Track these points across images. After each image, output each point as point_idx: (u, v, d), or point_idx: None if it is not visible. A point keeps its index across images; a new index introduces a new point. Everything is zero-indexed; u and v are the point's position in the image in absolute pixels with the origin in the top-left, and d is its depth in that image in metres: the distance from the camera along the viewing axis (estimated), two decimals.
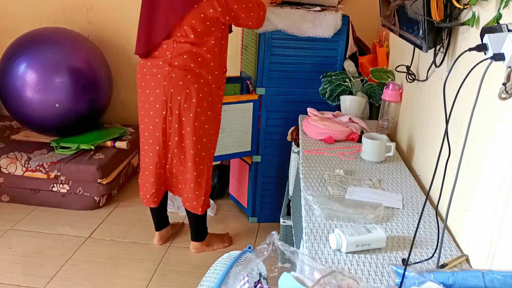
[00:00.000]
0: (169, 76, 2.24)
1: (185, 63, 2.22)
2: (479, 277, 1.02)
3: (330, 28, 2.60)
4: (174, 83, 2.24)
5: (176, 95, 2.25)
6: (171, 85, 2.24)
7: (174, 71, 2.23)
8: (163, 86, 2.25)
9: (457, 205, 1.46)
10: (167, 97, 2.26)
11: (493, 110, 1.30)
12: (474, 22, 1.46)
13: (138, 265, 2.53)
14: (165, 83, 2.25)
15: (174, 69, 2.23)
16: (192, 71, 2.24)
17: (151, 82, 2.29)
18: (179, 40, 2.22)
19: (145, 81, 2.33)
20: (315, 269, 1.00)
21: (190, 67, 2.23)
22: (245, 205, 3.02)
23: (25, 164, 2.99)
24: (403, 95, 2.31)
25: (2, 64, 3.11)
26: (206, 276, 1.19)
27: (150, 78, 2.30)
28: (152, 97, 2.30)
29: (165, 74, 2.24)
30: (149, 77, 2.30)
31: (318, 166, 1.94)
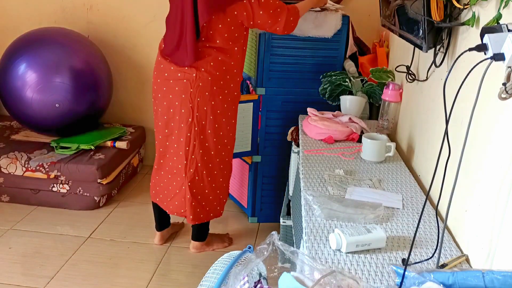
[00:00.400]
0: (196, 84, 2.22)
1: (211, 70, 2.22)
2: (479, 277, 1.02)
3: (330, 28, 2.60)
4: (200, 93, 2.23)
5: (203, 106, 2.25)
6: (198, 94, 2.23)
7: (201, 79, 2.21)
8: (190, 92, 2.23)
9: (457, 205, 1.46)
10: (194, 105, 2.25)
11: (493, 110, 1.30)
12: (474, 22, 1.46)
13: (138, 265, 2.53)
14: (192, 90, 2.23)
15: (201, 77, 2.21)
16: (217, 81, 2.24)
17: (175, 87, 2.26)
18: (205, 44, 2.21)
19: (167, 85, 2.29)
20: (315, 269, 1.00)
21: (216, 75, 2.23)
22: (245, 205, 3.02)
23: (25, 164, 2.99)
24: (403, 95, 2.31)
25: (2, 64, 3.11)
26: (206, 276, 1.19)
27: (174, 82, 2.26)
28: (177, 102, 2.27)
29: (192, 80, 2.22)
30: (172, 81, 2.27)
31: (318, 166, 1.94)
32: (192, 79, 2.22)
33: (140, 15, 3.48)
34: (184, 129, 2.30)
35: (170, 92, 2.29)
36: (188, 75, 2.23)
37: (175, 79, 2.26)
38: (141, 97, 3.67)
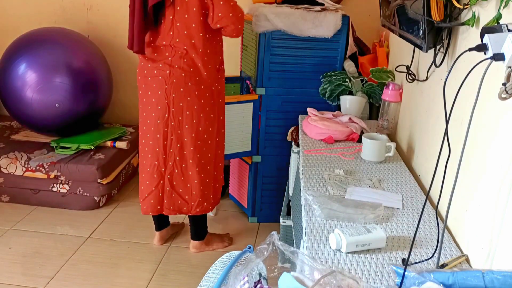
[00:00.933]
0: (171, 81, 2.23)
1: (184, 66, 2.22)
2: (479, 277, 1.02)
3: (330, 28, 2.60)
4: (175, 89, 2.24)
5: (178, 102, 2.26)
6: (173, 90, 2.24)
7: (175, 75, 2.22)
8: (165, 89, 2.24)
9: (457, 205, 1.46)
10: (169, 101, 2.26)
11: (493, 110, 1.30)
12: (474, 22, 1.46)
13: (138, 265, 2.53)
14: (167, 86, 2.24)
15: (174, 73, 2.22)
16: (192, 77, 2.24)
17: (152, 84, 2.28)
18: (176, 40, 2.20)
19: (145, 82, 2.32)
20: (315, 269, 1.00)
21: (190, 72, 2.23)
22: (245, 205, 3.02)
23: (25, 164, 2.99)
24: (403, 95, 2.31)
25: (2, 64, 3.12)
26: (206, 276, 1.19)
27: (152, 79, 2.29)
28: (154, 99, 2.29)
29: (166, 76, 2.23)
30: (150, 78, 2.29)
31: (318, 166, 1.94)
32: (166, 76, 2.23)
33: None
34: (161, 125, 2.30)
35: (148, 89, 2.31)
36: (162, 72, 2.24)
37: (152, 76, 2.28)
38: None
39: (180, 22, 2.18)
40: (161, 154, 2.36)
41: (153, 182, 2.41)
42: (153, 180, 2.41)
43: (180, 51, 2.21)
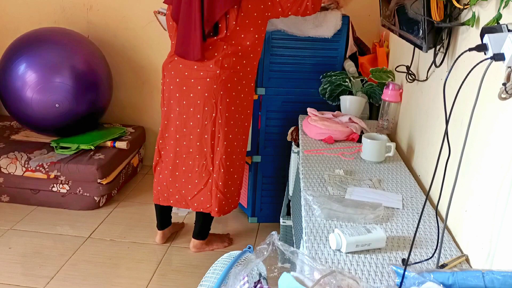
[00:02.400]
0: (220, 79, 2.24)
1: (234, 65, 2.25)
2: (479, 277, 1.02)
3: (330, 28, 2.60)
4: (223, 87, 2.25)
5: (225, 98, 2.27)
6: (221, 88, 2.25)
7: (225, 73, 2.24)
8: (213, 89, 2.25)
9: (457, 205, 1.46)
10: (217, 100, 2.27)
11: (493, 110, 1.30)
12: (474, 22, 1.46)
13: (138, 265, 2.53)
14: (215, 86, 2.25)
15: (224, 72, 2.23)
16: (238, 74, 2.27)
17: (197, 86, 2.27)
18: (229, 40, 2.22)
19: (187, 84, 2.28)
20: (315, 269, 1.00)
21: (237, 69, 2.26)
22: (245, 205, 3.02)
23: (25, 164, 2.99)
24: (403, 95, 2.31)
25: (2, 64, 3.11)
26: (206, 276, 1.19)
27: (196, 81, 2.27)
28: (199, 100, 2.28)
29: (215, 77, 2.23)
30: (194, 80, 2.27)
31: (318, 166, 1.94)
32: (216, 76, 2.23)
33: (140, 15, 3.48)
34: (209, 126, 2.31)
35: (191, 91, 2.29)
36: (211, 73, 2.23)
37: (196, 78, 2.26)
38: (141, 97, 3.68)
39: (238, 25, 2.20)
40: (209, 154, 2.37)
41: (202, 180, 2.42)
42: (201, 179, 2.42)
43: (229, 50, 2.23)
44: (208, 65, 2.24)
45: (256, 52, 2.31)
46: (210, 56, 2.24)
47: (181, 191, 2.49)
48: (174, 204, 2.55)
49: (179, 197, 2.50)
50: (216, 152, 2.37)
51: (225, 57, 2.23)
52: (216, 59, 2.22)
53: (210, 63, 2.23)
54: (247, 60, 2.29)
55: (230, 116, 2.32)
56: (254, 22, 2.22)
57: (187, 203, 2.51)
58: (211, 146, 2.36)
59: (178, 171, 2.45)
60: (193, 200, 2.47)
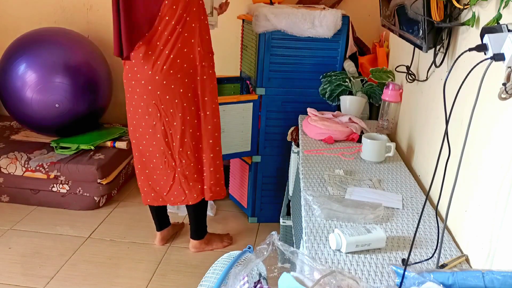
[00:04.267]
0: (153, 79, 2.21)
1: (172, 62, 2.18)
2: (479, 277, 1.02)
3: (330, 28, 2.60)
4: (159, 87, 2.21)
5: (164, 95, 2.23)
6: (157, 88, 2.22)
7: (157, 73, 2.19)
8: (149, 90, 2.23)
9: (457, 205, 1.46)
10: (157, 100, 2.24)
11: (493, 110, 1.30)
12: (474, 22, 1.46)
13: (138, 265, 2.53)
14: (150, 87, 2.23)
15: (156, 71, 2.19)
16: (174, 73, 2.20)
17: (136, 89, 2.27)
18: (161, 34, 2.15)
19: (131, 86, 2.29)
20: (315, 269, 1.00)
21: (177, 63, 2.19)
22: (245, 205, 3.02)
23: (25, 164, 2.99)
24: (403, 95, 2.31)
25: (2, 64, 3.12)
26: (206, 276, 1.19)
27: (135, 84, 2.26)
28: (142, 103, 2.28)
29: (148, 78, 2.21)
30: (134, 83, 2.27)
31: (318, 166, 1.94)
32: (148, 77, 2.21)
33: None
34: (158, 125, 2.30)
35: (135, 93, 2.29)
36: (145, 76, 2.21)
37: (136, 80, 2.26)
38: None
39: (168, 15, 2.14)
40: (167, 151, 2.36)
41: (169, 176, 2.43)
42: (169, 175, 2.42)
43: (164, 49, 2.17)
44: (143, 66, 2.21)
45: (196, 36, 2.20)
46: (145, 56, 2.20)
47: (155, 188, 2.49)
48: (152, 202, 2.54)
49: (155, 194, 2.51)
50: (173, 148, 2.36)
51: (159, 55, 2.18)
52: (149, 58, 2.19)
53: (145, 64, 2.20)
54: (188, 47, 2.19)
55: (177, 110, 2.27)
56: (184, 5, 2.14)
57: (163, 199, 2.51)
58: (166, 144, 2.34)
59: (148, 169, 2.46)
60: (169, 195, 2.49)
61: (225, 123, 2.67)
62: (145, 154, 2.42)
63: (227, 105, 2.66)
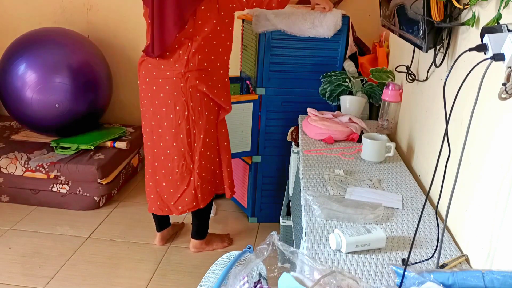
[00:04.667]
0: (185, 77, 2.22)
1: (200, 62, 2.22)
2: (479, 277, 1.02)
3: (330, 28, 2.60)
4: (191, 84, 2.22)
5: (195, 93, 2.25)
6: (189, 85, 2.23)
7: (190, 71, 2.22)
8: (181, 87, 2.23)
9: (457, 205, 1.46)
10: (187, 97, 2.25)
11: (493, 110, 1.30)
12: (474, 22, 1.46)
13: (138, 265, 2.53)
14: (182, 84, 2.23)
15: (189, 70, 2.21)
16: (205, 70, 2.25)
17: (165, 85, 2.25)
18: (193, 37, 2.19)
19: (157, 84, 2.27)
20: (315, 269, 1.00)
21: (204, 66, 2.24)
22: (245, 205, 3.02)
23: (25, 164, 2.99)
24: (403, 95, 2.31)
25: (2, 64, 3.12)
26: (206, 276, 1.19)
27: (164, 81, 2.25)
28: (170, 100, 2.26)
29: (180, 76, 2.22)
30: (162, 80, 2.25)
31: (318, 166, 1.94)
32: (181, 74, 2.21)
33: (140, 15, 3.46)
34: (183, 124, 2.28)
35: (161, 91, 2.27)
36: (176, 72, 2.22)
37: (164, 78, 2.24)
38: None
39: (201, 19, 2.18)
40: (187, 152, 2.34)
41: (184, 181, 2.39)
42: (183, 180, 2.39)
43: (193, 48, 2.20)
44: (173, 64, 2.22)
45: (224, 46, 2.29)
46: (175, 55, 2.22)
47: (163, 196, 2.44)
48: (156, 211, 2.49)
49: (161, 203, 2.45)
50: (194, 148, 2.34)
51: (190, 55, 2.20)
52: (181, 57, 2.21)
53: (176, 62, 2.22)
54: (215, 55, 2.26)
55: (204, 108, 2.29)
56: (217, 14, 2.18)
57: (169, 209, 2.45)
58: (188, 144, 2.33)
59: (158, 175, 2.42)
60: (177, 204, 2.43)
61: None
62: (159, 157, 2.38)
63: None
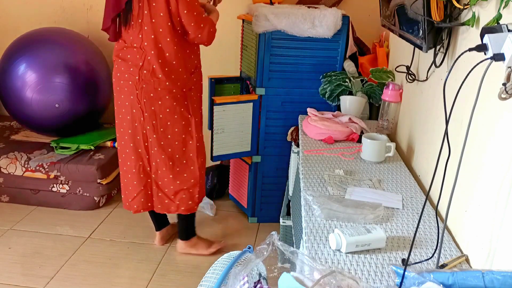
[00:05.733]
0: (140, 86, 2.22)
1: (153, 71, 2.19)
2: (479, 277, 1.02)
3: (330, 28, 2.60)
4: (145, 94, 2.22)
5: (150, 106, 2.24)
6: (143, 95, 2.23)
7: (144, 80, 2.20)
8: (136, 94, 2.23)
9: (457, 205, 1.46)
10: (142, 105, 2.25)
11: (493, 110, 1.30)
12: (474, 22, 1.46)
13: (138, 265, 2.53)
14: (137, 91, 2.23)
15: (144, 78, 2.20)
16: (161, 82, 2.21)
17: (124, 87, 2.26)
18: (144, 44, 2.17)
19: (120, 85, 2.29)
20: (315, 269, 1.00)
21: (158, 78, 2.20)
22: (245, 205, 3.02)
23: (25, 164, 2.99)
24: (403, 95, 2.31)
25: (2, 64, 3.11)
26: (206, 276, 1.19)
27: (124, 83, 2.26)
28: (127, 102, 2.27)
29: (135, 81, 2.22)
30: (123, 82, 2.26)
31: (318, 166, 1.94)
32: (136, 81, 2.21)
33: None
34: (139, 127, 2.30)
35: (122, 92, 2.28)
36: (132, 77, 2.22)
37: (124, 80, 2.26)
38: None
39: (147, 26, 2.15)
40: (144, 154, 2.36)
41: (141, 181, 2.40)
42: (140, 180, 2.40)
43: (149, 55, 2.18)
44: (129, 68, 2.22)
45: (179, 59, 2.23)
46: (133, 59, 2.21)
47: (125, 191, 2.47)
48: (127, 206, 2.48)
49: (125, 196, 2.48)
50: (151, 155, 2.36)
51: (144, 62, 2.19)
52: (136, 62, 2.20)
53: (132, 66, 2.21)
54: (170, 67, 2.21)
55: (160, 124, 2.29)
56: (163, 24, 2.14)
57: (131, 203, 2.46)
58: (145, 148, 2.34)
59: (121, 170, 2.45)
60: (134, 202, 2.44)
61: (225, 123, 2.67)
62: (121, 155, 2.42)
63: (227, 105, 2.66)
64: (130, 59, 2.22)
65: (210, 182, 3.22)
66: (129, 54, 2.22)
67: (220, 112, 2.67)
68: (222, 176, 3.25)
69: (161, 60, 2.19)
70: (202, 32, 2.19)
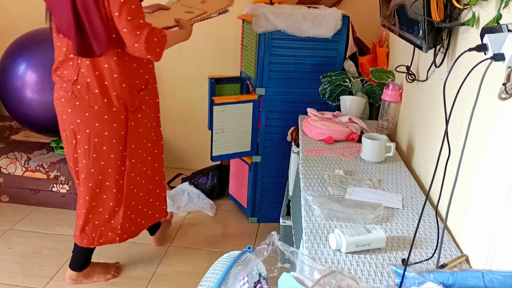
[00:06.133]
0: (73, 103, 1.93)
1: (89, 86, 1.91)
2: (479, 277, 1.02)
3: (330, 28, 2.60)
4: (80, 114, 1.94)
5: (85, 128, 1.96)
6: (77, 115, 1.94)
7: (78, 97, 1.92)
8: (69, 113, 1.96)
9: (457, 205, 1.46)
10: (75, 127, 1.97)
11: (493, 110, 1.30)
12: (474, 22, 1.46)
13: (138, 265, 2.53)
14: (70, 110, 1.95)
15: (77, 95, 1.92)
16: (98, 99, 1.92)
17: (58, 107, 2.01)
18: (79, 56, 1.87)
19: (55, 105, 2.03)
20: (315, 269, 1.00)
21: (95, 93, 1.92)
22: (245, 205, 3.02)
23: (25, 164, 2.99)
24: (403, 95, 2.31)
25: (2, 64, 3.11)
26: (206, 276, 1.19)
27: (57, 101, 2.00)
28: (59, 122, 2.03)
29: (68, 98, 1.94)
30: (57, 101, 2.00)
31: (318, 166, 1.94)
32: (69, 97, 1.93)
33: None
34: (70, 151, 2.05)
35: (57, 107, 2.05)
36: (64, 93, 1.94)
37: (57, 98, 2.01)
38: None
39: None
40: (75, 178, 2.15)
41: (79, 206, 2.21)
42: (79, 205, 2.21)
43: (83, 67, 1.89)
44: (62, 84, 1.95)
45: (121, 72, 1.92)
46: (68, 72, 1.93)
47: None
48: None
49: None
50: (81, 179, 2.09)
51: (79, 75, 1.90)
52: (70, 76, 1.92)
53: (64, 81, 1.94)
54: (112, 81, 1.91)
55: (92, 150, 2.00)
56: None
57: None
58: (76, 172, 2.11)
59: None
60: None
61: (225, 123, 2.67)
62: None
63: (227, 105, 2.66)
64: (65, 75, 1.94)
65: (210, 182, 3.22)
66: (65, 69, 1.94)
67: (220, 112, 2.67)
68: (222, 176, 3.25)
69: (98, 73, 1.89)
70: (139, 40, 1.79)
